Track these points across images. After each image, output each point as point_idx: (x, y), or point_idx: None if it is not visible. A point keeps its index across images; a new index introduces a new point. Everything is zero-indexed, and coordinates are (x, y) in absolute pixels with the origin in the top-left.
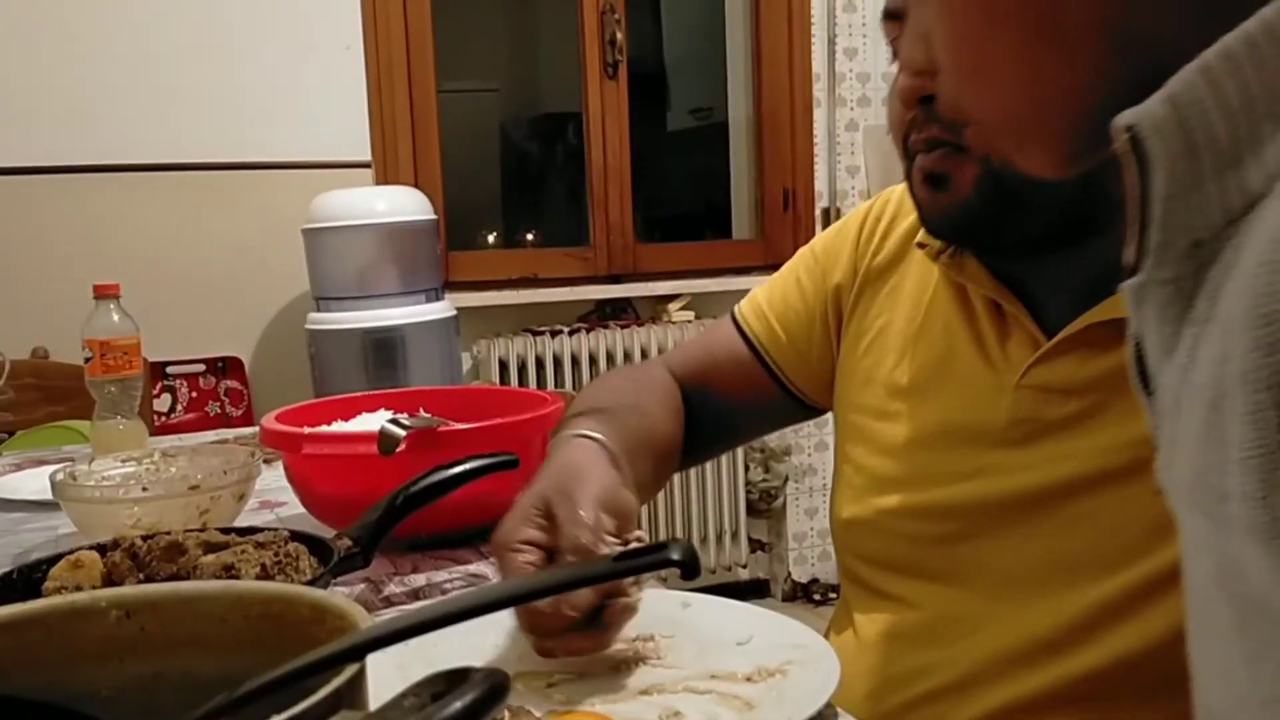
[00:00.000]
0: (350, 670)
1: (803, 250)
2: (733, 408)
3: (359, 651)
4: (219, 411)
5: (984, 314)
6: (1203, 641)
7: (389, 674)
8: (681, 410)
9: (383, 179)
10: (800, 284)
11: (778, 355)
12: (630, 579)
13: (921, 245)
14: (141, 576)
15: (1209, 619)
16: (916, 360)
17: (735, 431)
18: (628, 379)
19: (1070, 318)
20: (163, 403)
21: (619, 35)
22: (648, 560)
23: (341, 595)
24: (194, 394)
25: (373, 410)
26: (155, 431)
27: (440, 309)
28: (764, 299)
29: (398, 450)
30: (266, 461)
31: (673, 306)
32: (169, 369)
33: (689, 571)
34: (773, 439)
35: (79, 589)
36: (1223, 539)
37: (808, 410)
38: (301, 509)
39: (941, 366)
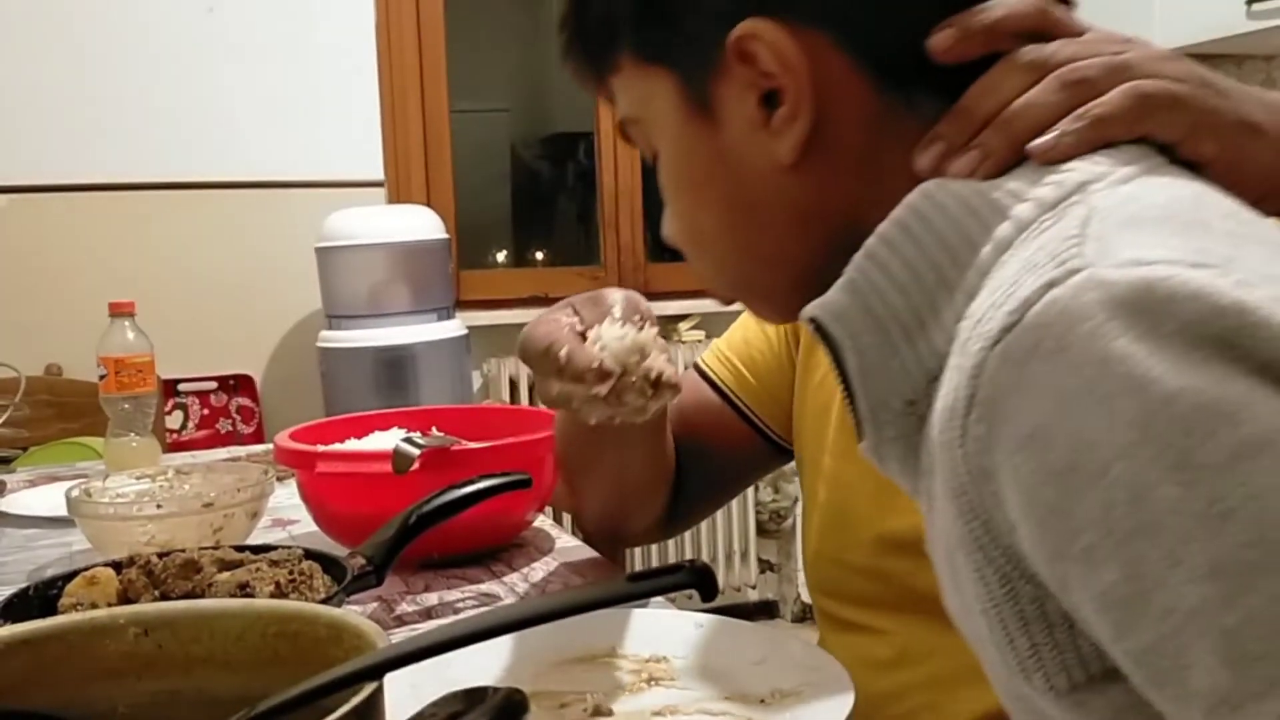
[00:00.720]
0: (368, 689)
1: None
2: (711, 462)
3: (377, 671)
4: (230, 429)
5: None
6: None
7: (403, 694)
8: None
9: (395, 198)
10: (761, 325)
11: (748, 398)
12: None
13: None
14: (157, 594)
15: None
16: None
17: (717, 489)
18: None
19: None
20: (174, 420)
21: None
22: (666, 581)
23: (358, 614)
24: (205, 411)
25: (385, 429)
26: (167, 449)
27: (451, 328)
28: (725, 346)
29: (411, 469)
30: (279, 479)
31: (683, 326)
32: (181, 386)
33: (707, 593)
34: None
35: (94, 606)
36: (995, 670)
37: (784, 454)
38: (314, 527)
39: None
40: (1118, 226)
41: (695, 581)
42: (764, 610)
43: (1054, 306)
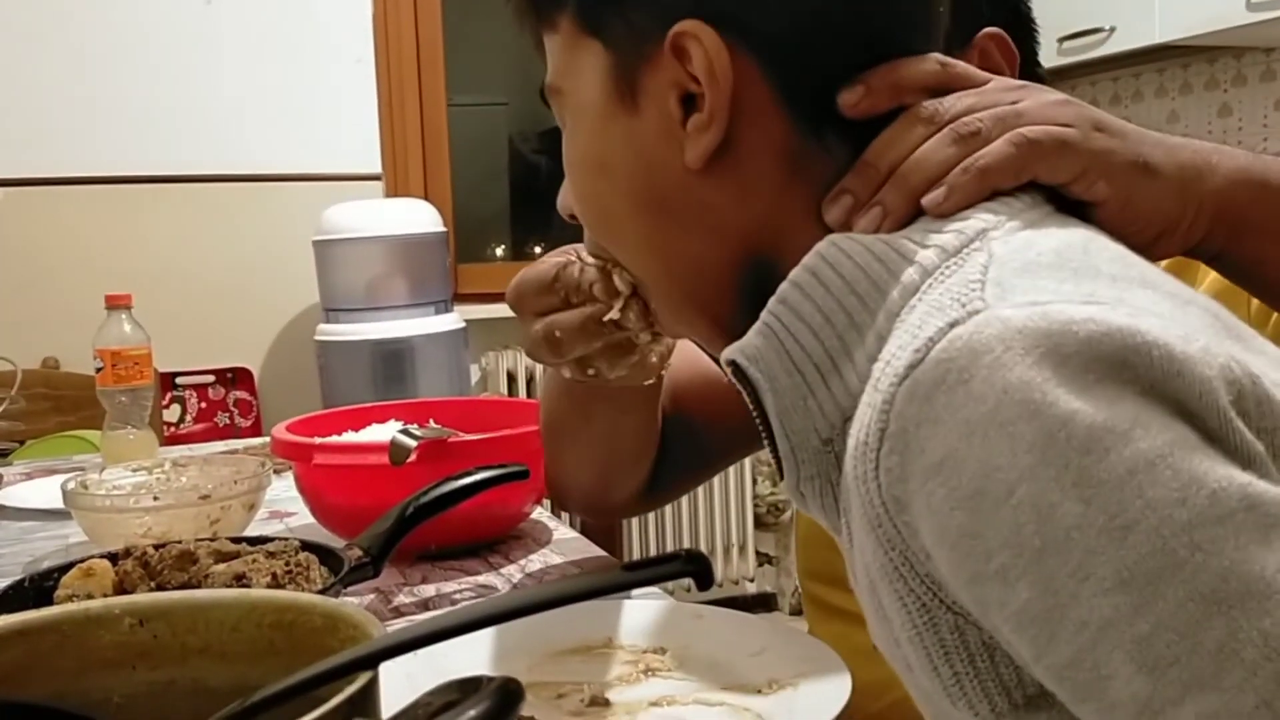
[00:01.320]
0: (363, 679)
1: None
2: (707, 430)
3: (372, 660)
4: (228, 422)
5: None
6: None
7: (398, 683)
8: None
9: (393, 192)
10: None
11: None
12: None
13: None
14: (153, 585)
15: None
16: None
17: (712, 456)
18: None
19: None
20: (172, 413)
21: None
22: (662, 570)
23: (354, 605)
24: (203, 404)
25: (382, 421)
26: (164, 442)
27: (449, 321)
28: None
29: (408, 461)
30: (276, 471)
31: None
32: (178, 379)
33: (703, 582)
34: None
35: (90, 597)
36: (928, 699)
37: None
38: (311, 519)
39: None
40: (1014, 273)
41: (691, 570)
42: (762, 603)
43: (956, 342)
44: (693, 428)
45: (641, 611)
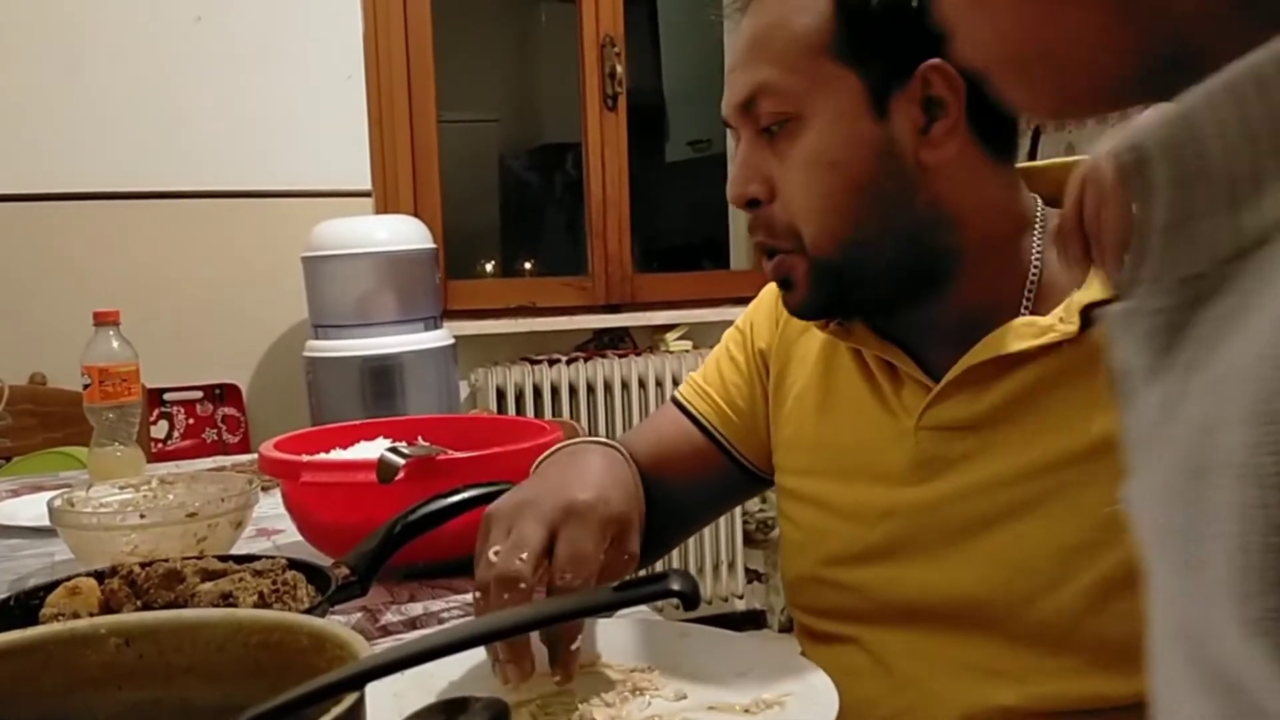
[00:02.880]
0: (349, 699)
1: (729, 330)
2: (687, 494)
3: (358, 680)
4: (215, 438)
5: (878, 369)
6: (1161, 686)
7: (385, 703)
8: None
9: (383, 208)
10: (734, 359)
11: (728, 431)
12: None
13: None
14: (139, 604)
15: (1169, 668)
16: (829, 418)
17: (689, 520)
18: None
19: (950, 363)
20: (159, 429)
21: (619, 68)
22: (649, 590)
23: (341, 624)
24: (191, 421)
25: (371, 438)
26: (152, 458)
27: (438, 337)
28: (702, 380)
29: (396, 479)
30: (264, 489)
31: (670, 336)
32: (166, 395)
33: (689, 602)
34: None
35: (76, 616)
36: (1190, 604)
37: (761, 483)
38: (298, 537)
39: (850, 421)
40: None
41: (678, 591)
42: (751, 620)
43: None
44: (683, 488)
45: (629, 630)
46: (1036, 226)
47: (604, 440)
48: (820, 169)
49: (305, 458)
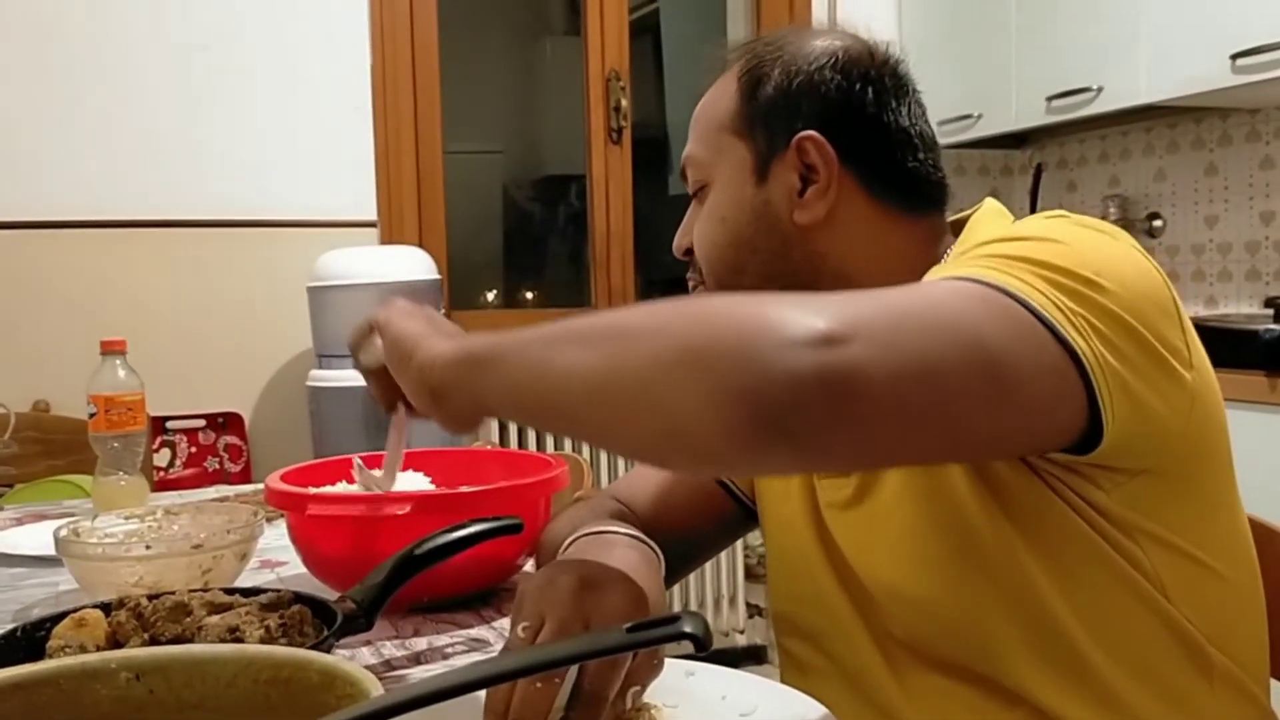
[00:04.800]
0: None
1: None
2: (691, 536)
3: None
4: (218, 467)
5: None
6: None
7: None
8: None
9: (388, 238)
10: None
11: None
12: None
13: None
14: (146, 637)
15: None
16: None
17: (692, 561)
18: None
19: None
20: (162, 457)
21: (623, 102)
22: (661, 633)
23: (351, 662)
24: (193, 449)
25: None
26: (154, 486)
27: None
28: None
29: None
30: (268, 520)
31: None
32: (169, 424)
33: (701, 645)
34: None
35: (84, 648)
36: None
37: (754, 518)
38: (302, 569)
39: None
40: None
41: (690, 634)
42: (752, 655)
43: None
44: (677, 538)
45: None
46: None
47: (633, 534)
48: (713, 224)
49: (312, 490)
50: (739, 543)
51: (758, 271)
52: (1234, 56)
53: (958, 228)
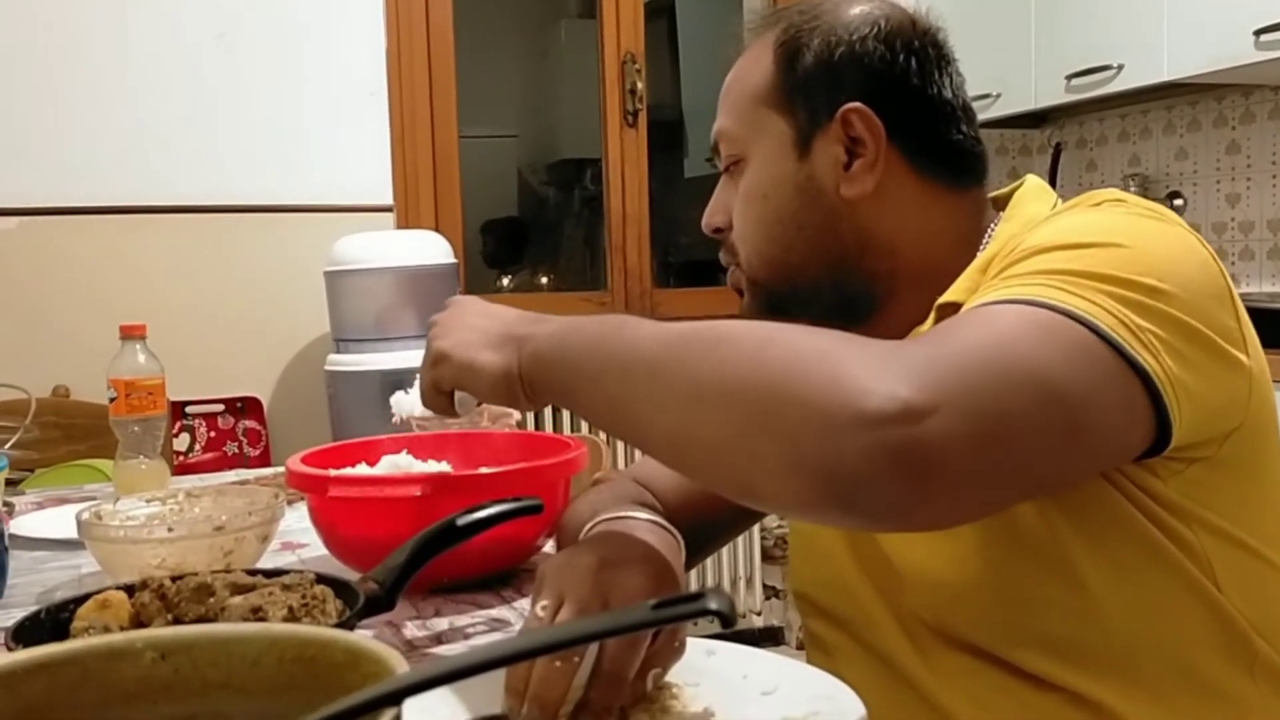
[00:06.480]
0: (387, 716)
1: None
2: (713, 519)
3: (396, 697)
4: (237, 451)
5: None
6: None
7: (414, 718)
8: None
9: (404, 223)
10: None
11: None
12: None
13: None
14: (170, 617)
15: None
16: None
17: (712, 544)
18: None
19: None
20: (181, 442)
21: (639, 84)
22: (686, 609)
23: (376, 640)
24: (212, 434)
25: (395, 452)
26: (173, 471)
27: None
28: None
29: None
30: (289, 503)
31: None
32: (188, 408)
33: (726, 621)
34: None
35: (107, 629)
36: None
37: None
38: (323, 550)
39: None
40: None
41: (716, 610)
42: (769, 636)
43: None
44: (698, 521)
45: None
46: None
47: (655, 519)
48: (754, 202)
49: (333, 472)
50: (755, 525)
51: (805, 248)
52: (1257, 32)
53: (998, 205)
